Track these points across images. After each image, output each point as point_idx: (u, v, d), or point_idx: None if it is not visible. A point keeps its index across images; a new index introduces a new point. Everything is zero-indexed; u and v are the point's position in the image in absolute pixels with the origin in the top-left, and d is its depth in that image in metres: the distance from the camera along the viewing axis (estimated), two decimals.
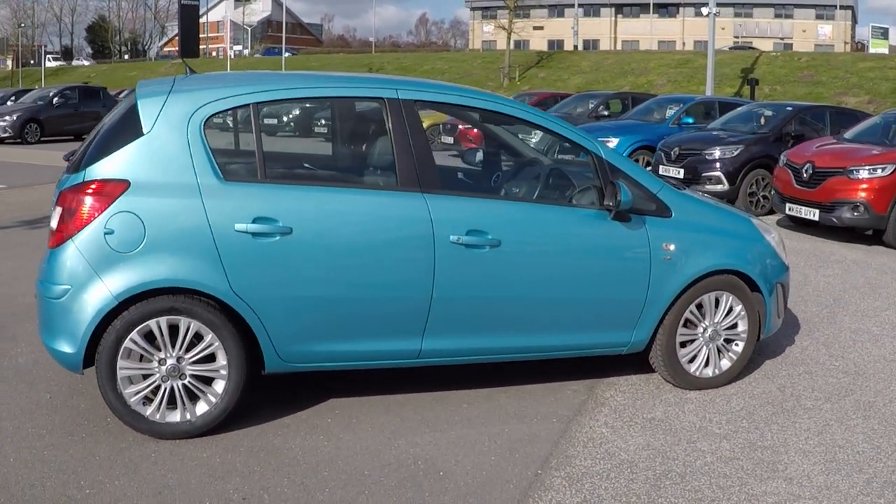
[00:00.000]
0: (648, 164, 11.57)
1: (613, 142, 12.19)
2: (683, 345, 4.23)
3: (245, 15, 57.76)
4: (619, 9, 64.28)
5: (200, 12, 62.90)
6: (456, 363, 3.92)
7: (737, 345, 4.37)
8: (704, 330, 4.25)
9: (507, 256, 3.74)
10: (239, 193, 3.40)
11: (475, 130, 16.94)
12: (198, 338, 3.39)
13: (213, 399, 3.45)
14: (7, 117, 20.02)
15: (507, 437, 3.63)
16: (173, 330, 3.36)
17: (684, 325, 4.20)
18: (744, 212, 4.77)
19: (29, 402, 3.79)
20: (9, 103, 22.57)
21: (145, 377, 3.37)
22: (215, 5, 74.30)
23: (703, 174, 10.32)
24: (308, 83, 3.85)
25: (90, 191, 3.28)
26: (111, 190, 3.28)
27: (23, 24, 61.27)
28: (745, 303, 4.30)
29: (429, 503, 3.04)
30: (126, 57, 69.77)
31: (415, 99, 3.74)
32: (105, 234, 3.25)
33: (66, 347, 3.29)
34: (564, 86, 31.51)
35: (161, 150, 3.35)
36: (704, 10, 23.15)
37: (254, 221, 3.37)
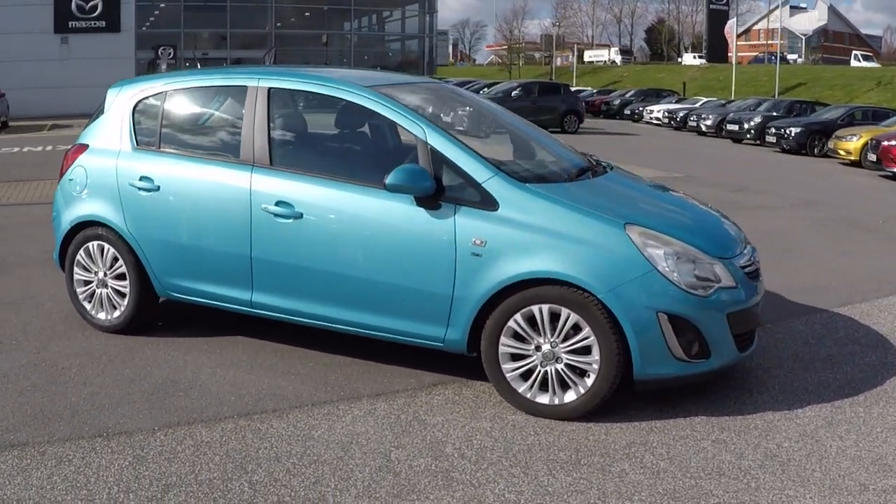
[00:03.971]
0: None
1: None
2: (515, 358, 3.75)
3: (800, 23, 55.53)
4: None
5: (755, 19, 64.21)
6: (287, 321, 4.33)
7: (588, 376, 3.64)
8: (538, 347, 3.69)
9: (309, 229, 4.04)
10: (139, 158, 4.56)
11: None
12: (116, 260, 4.67)
13: (122, 308, 4.69)
14: None
15: (275, 395, 3.96)
16: (105, 253, 4.70)
17: (514, 337, 3.73)
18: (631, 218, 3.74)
19: None
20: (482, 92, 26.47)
21: (87, 283, 4.79)
22: (771, 11, 72.96)
23: None
24: (203, 76, 4.79)
25: (70, 151, 4.86)
26: (78, 151, 4.79)
27: (557, 24, 68.25)
28: (594, 326, 3.57)
29: (136, 399, 3.83)
30: (679, 60, 72.30)
31: (269, 86, 4.30)
32: (69, 180, 4.79)
33: (54, 253, 4.95)
34: None
35: (108, 125, 4.73)
36: None
37: (140, 179, 4.49)
